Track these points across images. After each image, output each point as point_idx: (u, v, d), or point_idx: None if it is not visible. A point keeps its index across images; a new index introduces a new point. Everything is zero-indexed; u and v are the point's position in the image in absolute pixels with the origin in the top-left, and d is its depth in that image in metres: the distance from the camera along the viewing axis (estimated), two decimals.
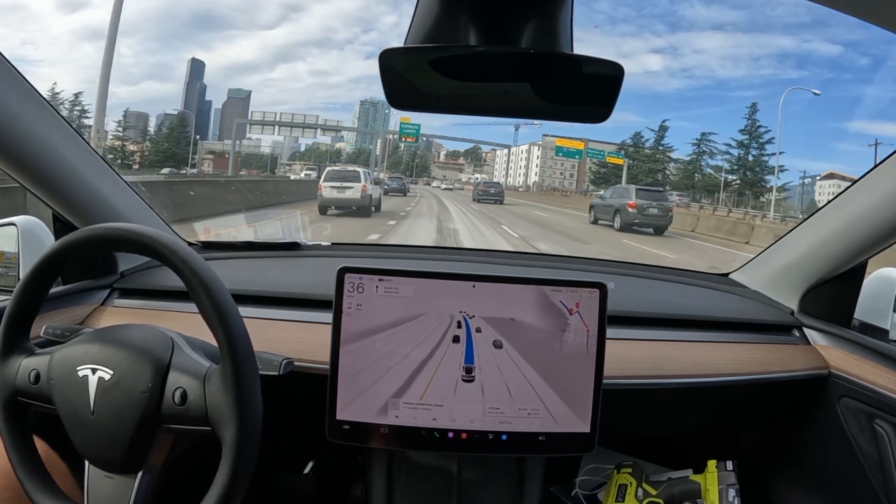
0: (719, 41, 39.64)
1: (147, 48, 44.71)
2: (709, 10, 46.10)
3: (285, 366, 0.71)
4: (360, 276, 0.78)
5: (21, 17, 42.05)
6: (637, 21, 49.39)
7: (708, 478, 0.90)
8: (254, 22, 54.59)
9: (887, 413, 0.84)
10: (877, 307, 0.98)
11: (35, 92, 0.80)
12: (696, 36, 45.04)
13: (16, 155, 0.80)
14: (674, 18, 46.94)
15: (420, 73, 0.59)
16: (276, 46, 58.10)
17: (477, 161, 35.98)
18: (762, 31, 37.25)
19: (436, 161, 36.64)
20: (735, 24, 38.56)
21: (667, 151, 23.04)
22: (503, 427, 0.79)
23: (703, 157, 21.80)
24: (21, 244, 0.96)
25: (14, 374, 0.67)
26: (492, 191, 18.36)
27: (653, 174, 22.27)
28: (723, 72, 38.02)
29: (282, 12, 63.53)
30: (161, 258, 0.63)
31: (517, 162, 31.19)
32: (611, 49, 44.79)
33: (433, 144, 36.92)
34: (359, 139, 38.03)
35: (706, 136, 21.75)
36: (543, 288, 0.79)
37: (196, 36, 44.21)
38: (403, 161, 34.97)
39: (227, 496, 0.60)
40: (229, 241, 1.23)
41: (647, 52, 44.78)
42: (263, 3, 54.14)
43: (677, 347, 0.94)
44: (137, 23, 39.55)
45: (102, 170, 0.96)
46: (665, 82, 42.22)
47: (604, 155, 21.98)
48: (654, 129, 24.08)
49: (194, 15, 43.91)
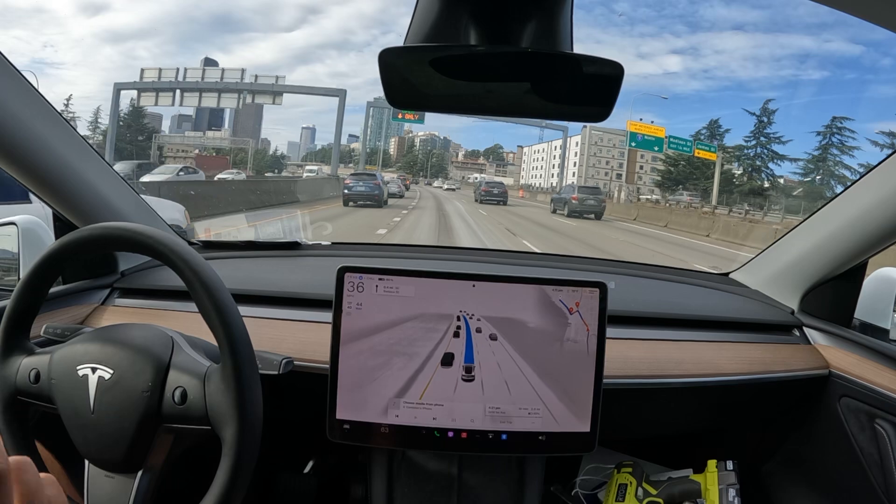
0: (740, 41, 39.32)
1: (165, 51, 44.67)
2: (729, 9, 45.82)
3: (285, 365, 0.71)
4: (360, 275, 0.78)
5: (42, 20, 41.95)
6: (657, 21, 49.16)
7: (708, 477, 0.90)
8: (273, 24, 54.58)
9: (888, 413, 0.84)
10: (877, 307, 0.98)
11: (35, 91, 0.80)
12: (716, 36, 44.70)
13: (16, 154, 0.80)
14: (693, 19, 46.68)
15: (420, 73, 0.59)
16: (294, 49, 58.15)
17: (500, 161, 33.69)
18: (783, 30, 36.86)
19: (454, 160, 35.00)
20: (756, 24, 38.26)
21: (771, 141, 17.15)
22: (503, 426, 0.79)
23: (830, 152, 15.99)
24: (21, 244, 0.96)
25: (14, 374, 0.67)
26: (494, 191, 18.27)
27: (755, 176, 16.53)
28: (743, 73, 37.66)
29: (301, 15, 63.60)
30: (161, 257, 0.63)
31: (548, 160, 28.57)
32: (631, 50, 44.49)
33: (450, 144, 35.53)
34: (372, 138, 37.46)
35: (838, 121, 14.92)
36: (544, 287, 0.79)
37: (215, 38, 44.23)
38: (418, 160, 33.51)
39: (227, 495, 0.60)
40: (229, 240, 1.23)
41: (666, 52, 44.61)
42: (282, 6, 54.11)
43: (678, 347, 0.94)
44: (156, 26, 39.44)
45: (103, 169, 0.96)
46: (685, 83, 41.93)
47: (690, 147, 17.21)
48: (753, 111, 17.58)
49: (213, 17, 44.04)
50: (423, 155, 33.98)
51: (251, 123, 39.72)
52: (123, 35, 45.79)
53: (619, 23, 34.24)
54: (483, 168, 34.12)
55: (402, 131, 36.26)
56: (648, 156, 22.73)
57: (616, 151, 24.34)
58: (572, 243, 9.41)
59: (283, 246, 1.22)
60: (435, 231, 9.79)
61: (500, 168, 34.04)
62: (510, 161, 34.44)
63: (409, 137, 32.55)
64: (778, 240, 1.09)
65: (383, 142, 36.82)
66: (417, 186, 24.20)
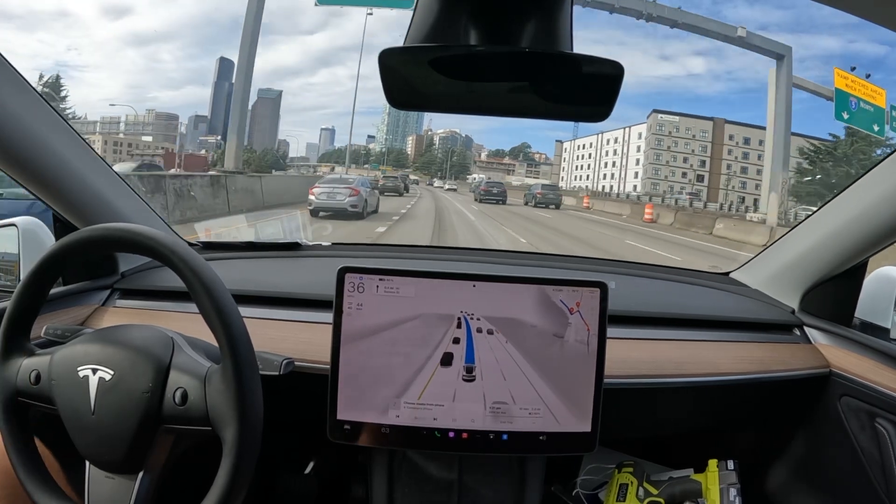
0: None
1: (188, 54, 44.84)
2: (752, 10, 45.49)
3: (286, 366, 0.71)
4: (360, 275, 0.78)
5: (66, 23, 42.21)
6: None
7: (709, 477, 0.90)
8: (295, 27, 54.62)
9: (888, 412, 0.84)
10: (877, 306, 0.98)
11: (35, 92, 0.80)
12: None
13: (16, 155, 0.80)
14: (718, 19, 46.41)
15: (420, 73, 0.59)
16: (317, 51, 58.16)
17: (531, 161, 29.40)
18: (806, 31, 36.30)
19: (477, 160, 32.87)
20: (779, 25, 37.93)
21: None
22: (504, 427, 0.79)
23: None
24: (22, 245, 0.96)
25: (15, 375, 0.67)
26: (494, 190, 18.51)
27: None
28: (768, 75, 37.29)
29: (323, 17, 63.66)
30: (161, 258, 0.63)
31: (597, 157, 21.19)
32: (654, 52, 43.97)
33: (472, 144, 33.51)
34: (389, 138, 36.35)
35: None
36: (544, 287, 0.79)
37: (236, 41, 44.76)
38: (437, 160, 31.13)
39: (228, 496, 0.60)
40: (230, 241, 1.23)
41: (689, 54, 44.24)
42: (305, 9, 54.09)
43: (678, 347, 0.94)
44: (179, 29, 39.57)
45: (103, 170, 0.96)
46: (707, 85, 41.49)
47: None
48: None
49: (235, 20, 44.00)
50: (442, 154, 31.68)
51: (267, 124, 39.51)
52: (146, 38, 45.95)
53: (642, 24, 33.94)
54: (512, 168, 30.16)
55: (422, 129, 34.98)
56: (738, 151, 16.38)
57: (697, 145, 17.80)
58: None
59: (283, 246, 1.22)
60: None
61: (531, 168, 29.70)
62: (543, 160, 29.55)
63: (429, 135, 30.97)
64: (779, 239, 1.09)
65: (400, 141, 35.72)
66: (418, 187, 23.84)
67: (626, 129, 18.88)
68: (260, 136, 32.31)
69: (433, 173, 28.28)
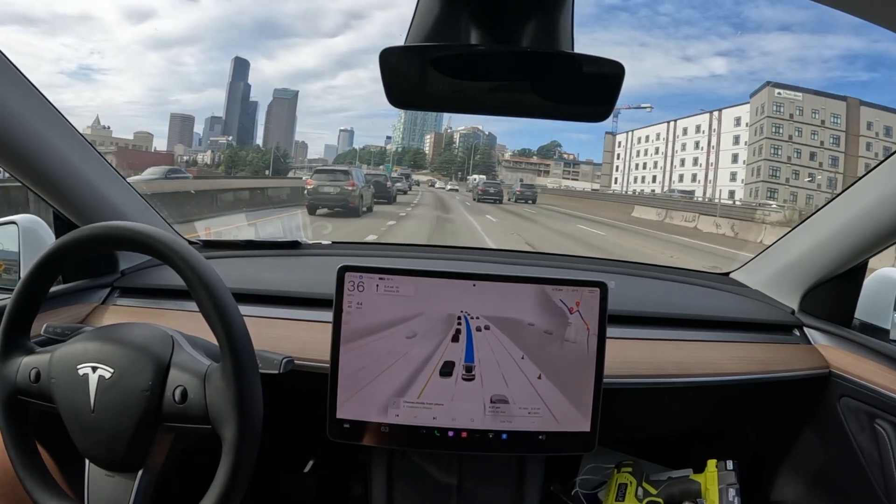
0: (786, 42, 38.24)
1: (210, 56, 44.81)
2: (775, 10, 45.06)
3: (286, 364, 0.71)
4: (360, 274, 0.78)
5: (90, 27, 42.17)
6: (702, 24, 48.40)
7: (708, 477, 0.90)
8: (316, 30, 54.56)
9: (888, 413, 0.84)
10: (877, 307, 0.98)
11: (36, 91, 0.80)
12: (763, 38, 43.67)
13: (17, 154, 0.80)
14: (738, 20, 45.74)
15: (420, 72, 0.59)
16: (338, 54, 58.05)
17: (568, 162, 23.97)
18: (829, 31, 35.64)
19: (502, 159, 29.97)
20: (802, 25, 37.17)
21: None
22: (503, 426, 0.79)
23: None
24: (22, 243, 0.96)
25: (15, 373, 0.67)
26: (491, 191, 18.79)
27: None
28: (790, 74, 36.74)
29: (344, 20, 63.59)
30: (161, 257, 0.63)
31: (668, 152, 14.04)
32: (676, 53, 43.54)
33: (496, 143, 31.58)
34: (406, 137, 35.24)
35: None
36: (544, 287, 0.79)
37: (258, 44, 44.52)
38: (457, 159, 28.63)
39: (228, 494, 0.60)
40: (230, 239, 1.23)
41: (712, 55, 43.85)
42: (325, 11, 53.98)
43: (678, 347, 0.94)
44: (201, 32, 39.50)
45: (103, 168, 0.96)
46: (731, 86, 41.01)
47: None
48: None
49: (257, 23, 43.97)
50: (463, 152, 29.81)
51: (282, 125, 39.18)
52: (168, 41, 46.15)
53: (663, 24, 33.31)
54: (545, 169, 26.45)
55: (441, 127, 33.76)
56: (878, 145, 10.83)
57: (827, 134, 12.17)
58: None
59: (283, 245, 1.22)
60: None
61: (568, 169, 25.02)
62: (572, 159, 25.03)
63: (448, 133, 29.69)
64: (779, 239, 1.09)
65: (418, 140, 34.78)
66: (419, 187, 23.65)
67: (715, 113, 12.79)
68: (274, 137, 31.91)
69: (453, 174, 26.36)
